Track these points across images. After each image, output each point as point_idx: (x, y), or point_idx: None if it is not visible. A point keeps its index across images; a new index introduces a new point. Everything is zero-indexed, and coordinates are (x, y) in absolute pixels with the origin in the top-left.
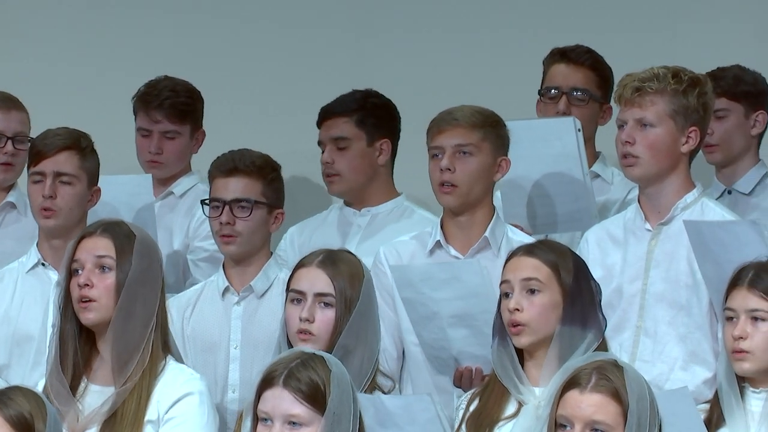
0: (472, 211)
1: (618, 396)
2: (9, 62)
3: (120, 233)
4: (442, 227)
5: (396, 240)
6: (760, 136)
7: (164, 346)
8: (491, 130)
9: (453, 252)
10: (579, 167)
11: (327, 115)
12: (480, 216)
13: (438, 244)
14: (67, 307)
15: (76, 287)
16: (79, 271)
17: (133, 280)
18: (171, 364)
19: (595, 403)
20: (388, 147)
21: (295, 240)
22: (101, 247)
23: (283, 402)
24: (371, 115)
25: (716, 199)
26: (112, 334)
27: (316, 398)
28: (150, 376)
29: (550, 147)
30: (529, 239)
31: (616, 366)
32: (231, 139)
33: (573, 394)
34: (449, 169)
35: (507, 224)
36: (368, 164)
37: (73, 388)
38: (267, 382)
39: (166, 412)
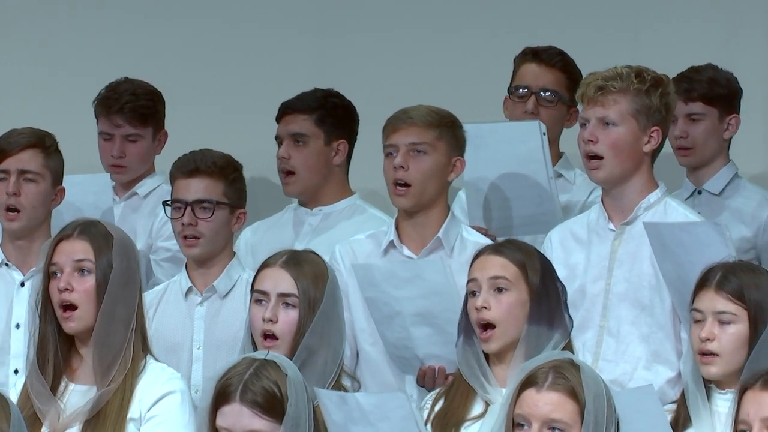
0: (426, 211)
1: (575, 394)
2: None
3: (97, 234)
4: (396, 227)
5: (352, 239)
6: (731, 138)
7: (143, 345)
8: (447, 129)
9: (406, 252)
10: (544, 170)
11: (287, 110)
12: (434, 216)
13: (392, 244)
14: (46, 309)
15: (56, 291)
16: (58, 274)
17: (115, 283)
18: (151, 363)
19: (552, 402)
20: (345, 148)
21: (248, 241)
22: (79, 250)
23: (242, 418)
24: (331, 115)
25: (686, 199)
26: (96, 339)
27: (274, 407)
28: (132, 375)
29: (515, 150)
30: (484, 239)
31: (573, 364)
32: (195, 138)
33: (530, 393)
34: (403, 167)
35: (462, 224)
36: (323, 163)
37: (54, 388)
38: (223, 398)
39: (148, 410)
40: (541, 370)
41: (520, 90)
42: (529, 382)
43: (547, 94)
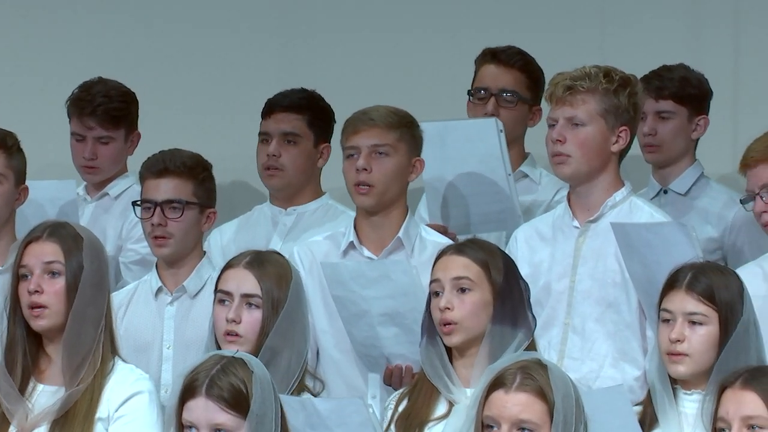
0: (386, 212)
1: (543, 394)
2: None
3: (67, 236)
4: (355, 227)
5: (310, 240)
6: (698, 139)
7: (112, 346)
8: (407, 130)
9: (366, 253)
10: (502, 168)
11: (278, 108)
12: (394, 216)
13: (351, 245)
14: (16, 310)
15: (25, 293)
16: (28, 276)
17: (86, 284)
18: (120, 364)
19: (520, 403)
20: (328, 152)
21: (218, 243)
22: (49, 252)
23: (207, 412)
24: (320, 118)
25: (652, 198)
26: (66, 340)
27: (239, 403)
28: (101, 376)
29: (473, 148)
30: (443, 239)
31: (540, 365)
32: (167, 138)
33: (498, 395)
34: (365, 169)
35: (421, 224)
36: (310, 165)
37: (22, 389)
38: (189, 392)
39: (116, 410)
40: (508, 371)
41: (480, 92)
42: (497, 383)
43: (507, 94)
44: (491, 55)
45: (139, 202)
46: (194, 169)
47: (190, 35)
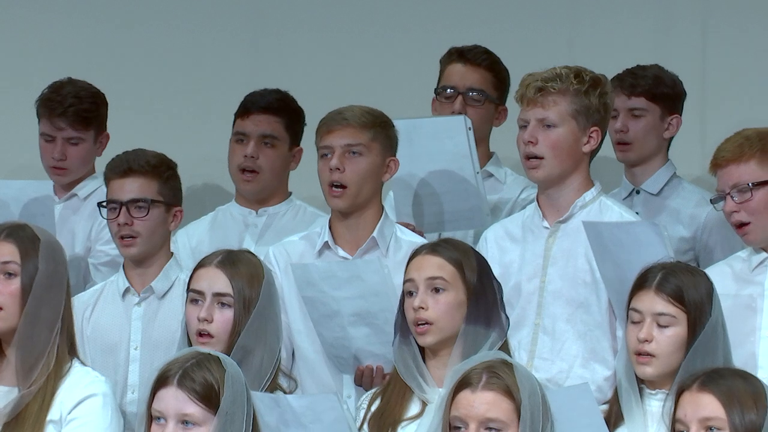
0: (361, 212)
1: (510, 393)
2: None
3: (24, 237)
4: (330, 228)
5: (285, 240)
6: (671, 139)
7: (70, 349)
8: (381, 130)
9: (341, 253)
10: (470, 166)
11: (256, 108)
12: (368, 216)
13: (326, 245)
14: None
15: None
16: None
17: (40, 285)
18: (76, 367)
19: (487, 402)
20: (300, 155)
21: (187, 244)
22: (6, 252)
23: (177, 401)
24: (296, 121)
25: (624, 198)
26: (18, 340)
27: (210, 398)
28: (55, 378)
29: (441, 145)
30: (419, 239)
31: (506, 364)
32: (134, 139)
33: (465, 395)
34: (339, 169)
35: (396, 224)
36: (284, 167)
37: None
38: (161, 381)
39: (69, 413)
40: (474, 371)
41: (447, 90)
42: (463, 383)
43: (474, 93)
44: (458, 54)
45: (104, 203)
46: (158, 168)
47: (158, 35)
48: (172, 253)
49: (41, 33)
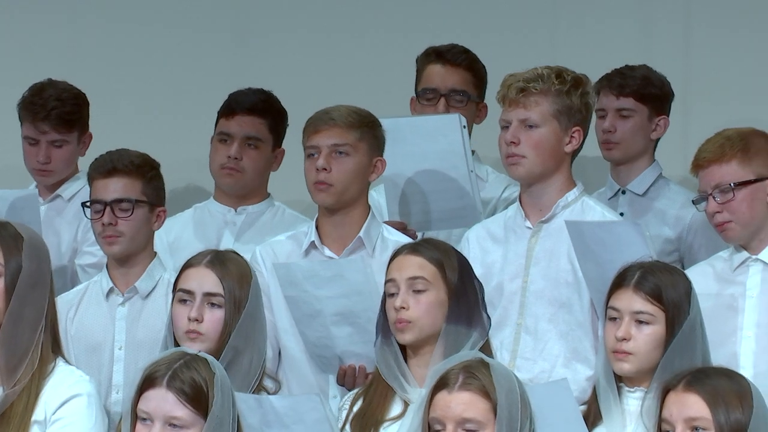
0: (347, 211)
1: (486, 393)
2: None
3: (6, 236)
4: (317, 227)
5: (272, 239)
6: (658, 140)
7: (54, 348)
8: (368, 130)
9: (328, 252)
10: (464, 164)
11: (241, 109)
12: (355, 216)
13: (313, 245)
14: None
15: None
16: None
17: (23, 284)
18: (60, 366)
19: (464, 402)
20: (282, 156)
21: (164, 240)
22: None
23: (165, 403)
24: (279, 122)
25: (610, 199)
26: (2, 340)
27: (198, 400)
28: (39, 377)
29: (435, 144)
30: (405, 239)
31: (483, 363)
32: (116, 139)
33: (442, 395)
34: (325, 169)
35: (383, 224)
36: (266, 169)
37: None
38: (149, 382)
39: (54, 413)
40: (451, 371)
41: (428, 92)
42: (440, 384)
43: (457, 95)
44: (436, 55)
45: (88, 203)
46: (142, 168)
47: (140, 35)
48: (155, 253)
49: (22, 33)
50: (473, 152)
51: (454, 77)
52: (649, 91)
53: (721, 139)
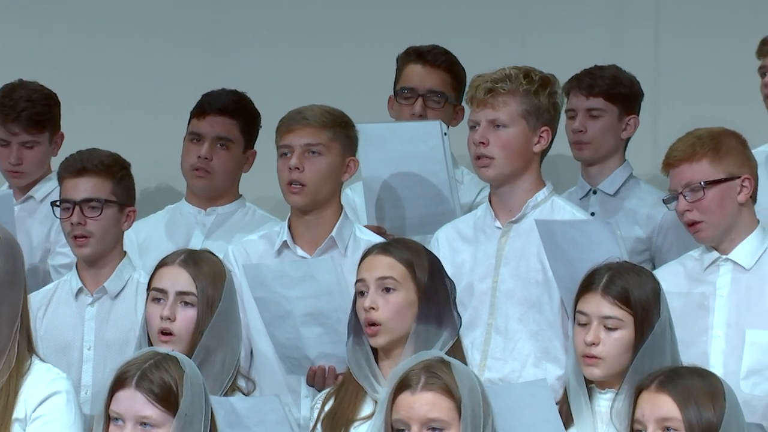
0: (320, 211)
1: (449, 391)
2: None
3: None
4: (290, 227)
5: (244, 239)
6: (628, 139)
7: (29, 346)
8: (341, 130)
9: (300, 252)
10: (444, 170)
11: (213, 110)
12: (327, 216)
13: (285, 244)
14: None
15: None
16: None
17: (0, 283)
18: (37, 364)
19: (428, 402)
20: (254, 158)
21: (134, 240)
22: None
23: (135, 403)
24: (251, 123)
25: (581, 198)
26: None
27: (168, 399)
28: (17, 376)
29: (416, 150)
30: (377, 238)
31: (443, 362)
32: (88, 139)
33: (405, 397)
34: (298, 168)
35: (355, 223)
36: (237, 170)
37: None
38: (120, 383)
39: (34, 411)
40: (413, 372)
41: (406, 92)
42: (402, 385)
43: (435, 96)
44: (416, 55)
45: (58, 203)
46: (112, 168)
47: (111, 34)
48: (125, 253)
49: None
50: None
51: (433, 78)
52: (619, 91)
53: (692, 138)
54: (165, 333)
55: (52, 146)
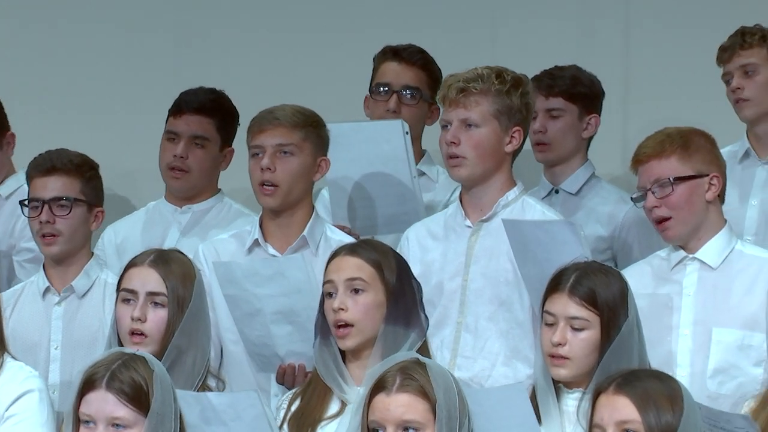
0: (292, 211)
1: (425, 393)
2: None
3: None
4: (261, 226)
5: (215, 238)
6: (590, 138)
7: (0, 344)
8: (312, 130)
9: (271, 251)
10: (407, 170)
11: (189, 109)
12: (299, 215)
13: (256, 243)
14: None
15: None
16: None
17: None
18: (9, 362)
19: (403, 404)
20: (231, 156)
21: (113, 239)
22: None
23: (106, 404)
24: (228, 121)
25: (543, 198)
26: None
27: (139, 399)
28: None
29: (378, 149)
30: (348, 238)
31: (419, 364)
32: (57, 138)
33: (380, 398)
34: (270, 169)
35: (327, 223)
36: (214, 168)
37: None
38: (89, 384)
39: (6, 409)
40: (388, 373)
41: (381, 88)
42: (378, 387)
43: (409, 92)
44: (393, 53)
45: (26, 201)
46: (81, 168)
47: (83, 33)
48: (92, 253)
49: None
50: (425, 152)
51: (408, 75)
52: (578, 90)
53: (661, 135)
54: (136, 333)
55: (4, 147)
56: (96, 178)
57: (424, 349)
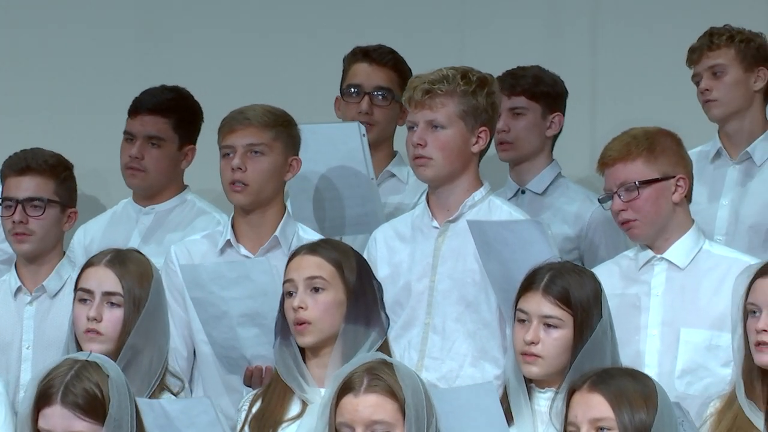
0: (263, 210)
1: (393, 393)
2: None
3: None
4: (233, 226)
5: (187, 239)
6: (555, 137)
7: None
8: (283, 129)
9: (243, 251)
10: (365, 171)
11: (144, 109)
12: (271, 215)
13: (228, 243)
14: None
15: None
16: None
17: None
18: None
19: (372, 404)
20: (193, 153)
21: (82, 241)
22: None
23: (63, 420)
24: (186, 120)
25: (510, 198)
26: None
27: (95, 409)
28: None
29: (337, 151)
30: (320, 237)
31: (386, 364)
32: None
33: (348, 399)
34: (240, 169)
35: (299, 223)
36: (173, 167)
37: None
38: (45, 399)
39: None
40: (355, 374)
41: (353, 90)
42: (345, 388)
43: (381, 93)
44: (363, 54)
45: (0, 200)
46: (56, 168)
47: (49, 33)
48: (64, 253)
49: None
50: (396, 153)
51: (379, 75)
52: (541, 89)
53: (627, 137)
54: (92, 333)
55: None
56: (70, 178)
57: (384, 349)
